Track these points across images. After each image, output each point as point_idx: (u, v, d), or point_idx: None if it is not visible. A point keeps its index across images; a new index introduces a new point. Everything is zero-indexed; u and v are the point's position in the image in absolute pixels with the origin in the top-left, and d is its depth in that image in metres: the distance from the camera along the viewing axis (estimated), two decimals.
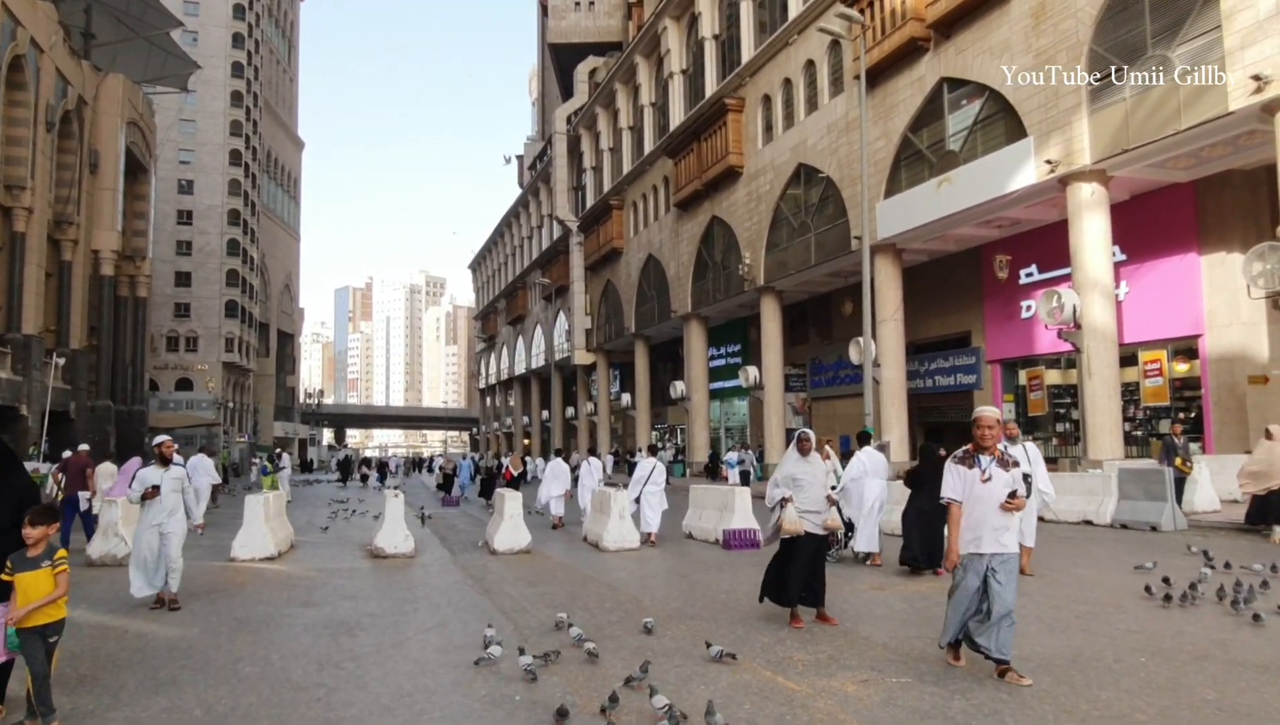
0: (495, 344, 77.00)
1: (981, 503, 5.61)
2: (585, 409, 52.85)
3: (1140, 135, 16.91)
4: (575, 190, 53.55)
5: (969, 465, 5.71)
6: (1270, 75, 14.52)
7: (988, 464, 5.66)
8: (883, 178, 23.87)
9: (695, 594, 9.22)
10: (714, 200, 33.86)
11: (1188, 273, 19.59)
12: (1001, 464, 5.66)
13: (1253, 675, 5.54)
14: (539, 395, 63.71)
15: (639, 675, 5.50)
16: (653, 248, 40.44)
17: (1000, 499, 5.54)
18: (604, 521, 13.72)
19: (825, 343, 32.82)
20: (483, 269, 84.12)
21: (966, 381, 25.88)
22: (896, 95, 23.49)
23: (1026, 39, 19.37)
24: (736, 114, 31.83)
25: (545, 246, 59.03)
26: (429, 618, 8.11)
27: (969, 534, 5.65)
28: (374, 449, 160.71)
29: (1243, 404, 18.46)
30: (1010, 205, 20.83)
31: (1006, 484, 5.59)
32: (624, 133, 44.71)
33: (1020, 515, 5.77)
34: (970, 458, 5.75)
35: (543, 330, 59.67)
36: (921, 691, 5.34)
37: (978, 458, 5.71)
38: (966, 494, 5.66)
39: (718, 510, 14.36)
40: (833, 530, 7.70)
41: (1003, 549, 5.60)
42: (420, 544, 14.04)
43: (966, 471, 5.70)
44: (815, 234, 27.45)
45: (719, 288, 33.95)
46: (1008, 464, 5.68)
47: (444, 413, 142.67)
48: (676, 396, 37.98)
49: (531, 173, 66.36)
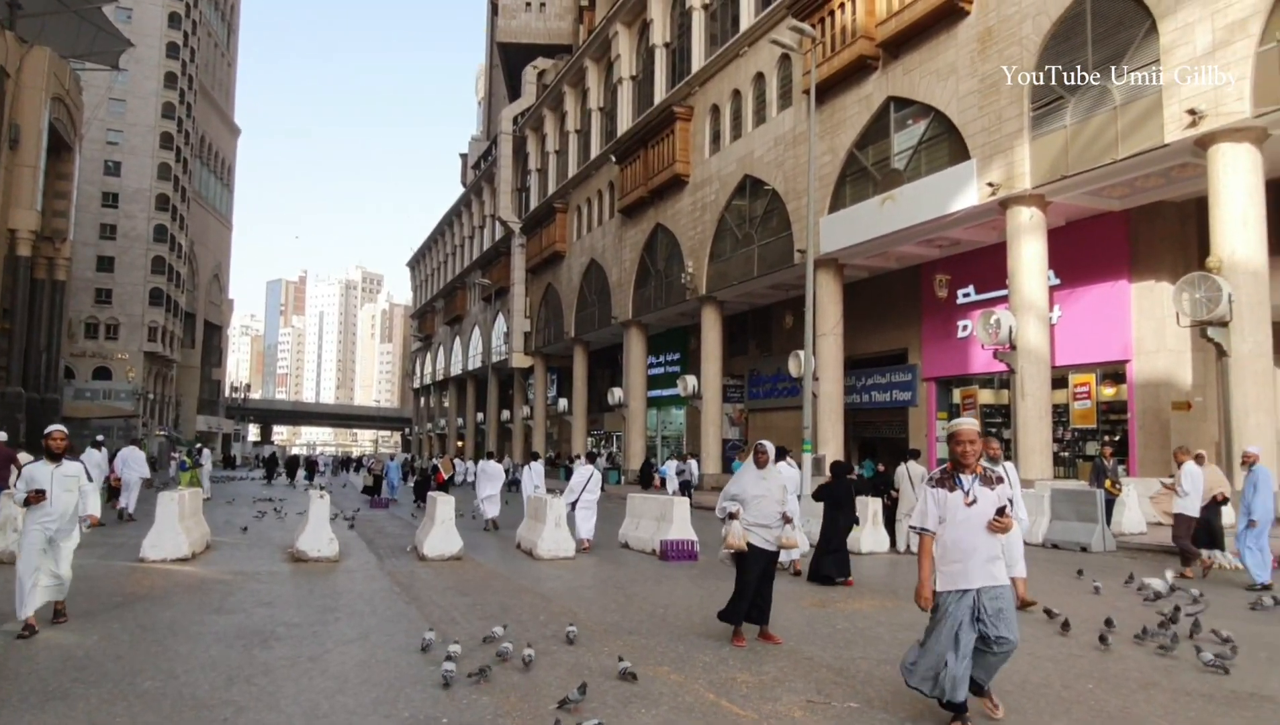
0: (432, 344, 75.74)
1: (966, 529, 4.86)
2: (521, 413, 52.23)
3: (1079, 163, 17.25)
4: (519, 191, 52.99)
5: (949, 488, 4.96)
6: (1205, 110, 14.92)
7: (971, 484, 4.92)
8: (827, 193, 24.01)
9: (632, 607, 8.94)
10: (659, 208, 33.75)
11: (1118, 299, 20.06)
12: (986, 482, 4.93)
13: (1200, 704, 5.48)
14: (475, 397, 62.78)
15: (576, 697, 5.20)
16: (596, 253, 40.16)
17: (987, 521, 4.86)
18: (539, 529, 13.35)
19: (764, 355, 32.92)
20: (421, 267, 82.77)
21: (902, 398, 26.16)
22: (844, 111, 23.66)
23: (972, 63, 19.66)
24: (685, 123, 31.78)
25: (486, 247, 58.28)
26: (351, 628, 7.67)
27: (952, 567, 4.89)
28: (301, 447, 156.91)
29: (1166, 428, 18.95)
30: (951, 225, 21.10)
31: (994, 504, 4.87)
32: (571, 136, 44.39)
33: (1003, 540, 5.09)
34: (950, 478, 4.99)
35: (481, 331, 58.86)
36: (871, 718, 5.15)
37: (958, 478, 4.96)
38: (947, 521, 4.92)
39: (655, 520, 14.11)
40: (787, 547, 7.42)
41: (995, 581, 4.86)
42: (346, 547, 13.48)
43: (947, 495, 4.94)
44: (759, 246, 27.50)
45: (660, 295, 33.82)
46: (993, 482, 4.96)
47: (376, 412, 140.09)
48: (614, 403, 37.71)
49: (475, 172, 65.50)
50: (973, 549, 4.86)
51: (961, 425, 5.02)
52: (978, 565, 4.85)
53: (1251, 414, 14.66)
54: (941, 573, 4.93)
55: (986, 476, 4.96)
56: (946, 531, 4.93)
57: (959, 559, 4.87)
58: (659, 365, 39.28)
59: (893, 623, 8.11)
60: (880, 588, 10.43)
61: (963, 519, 4.88)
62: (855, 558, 13.33)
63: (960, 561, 4.87)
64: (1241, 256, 14.85)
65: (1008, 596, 4.90)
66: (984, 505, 4.86)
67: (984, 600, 4.82)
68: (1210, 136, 15.02)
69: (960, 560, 4.87)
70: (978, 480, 4.94)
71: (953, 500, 4.93)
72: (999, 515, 4.83)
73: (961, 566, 4.87)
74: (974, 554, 4.85)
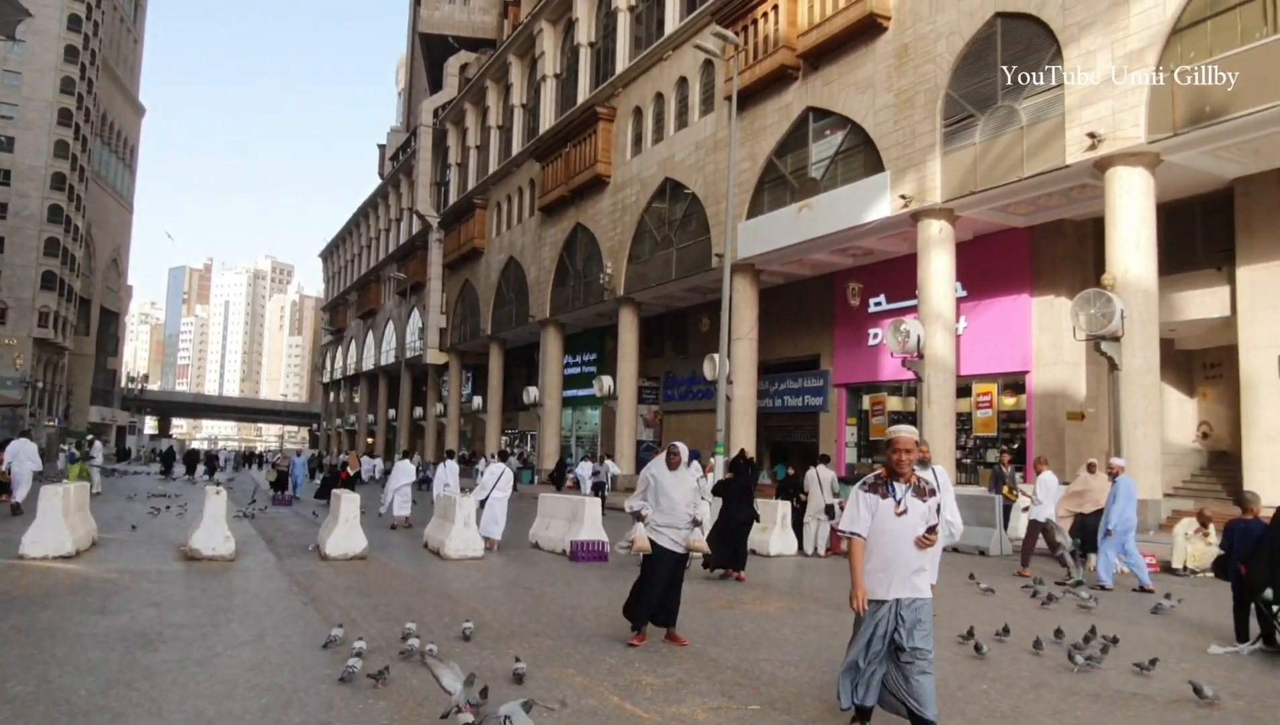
0: (343, 337, 73.85)
1: (892, 538, 4.73)
2: (434, 410, 51.36)
3: (987, 179, 17.85)
4: (438, 185, 52.12)
5: (881, 494, 4.81)
6: (1103, 134, 15.61)
7: (903, 494, 4.77)
8: (746, 198, 24.29)
9: (540, 608, 8.83)
10: (579, 207, 33.63)
11: (1020, 313, 20.82)
12: (919, 493, 4.79)
13: (1087, 704, 5.68)
14: (386, 393, 61.46)
15: (477, 701, 5.06)
16: (514, 250, 39.79)
17: (917, 534, 4.72)
18: (447, 528, 13.09)
19: (680, 357, 33.12)
20: (335, 258, 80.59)
21: (814, 403, 26.64)
22: (764, 119, 23.97)
23: (889, 78, 20.15)
24: (607, 123, 31.75)
25: (403, 240, 57.13)
26: (244, 630, 7.35)
27: (875, 574, 4.78)
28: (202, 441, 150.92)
29: (1062, 437, 19.75)
30: (865, 235, 21.59)
31: (924, 517, 4.74)
32: (492, 131, 43.88)
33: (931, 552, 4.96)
34: (883, 485, 4.84)
35: (395, 326, 57.66)
36: (774, 719, 5.17)
37: (891, 485, 4.82)
38: (875, 528, 4.79)
39: (566, 520, 14.01)
40: (695, 550, 7.41)
41: (917, 594, 4.74)
42: (244, 546, 12.97)
43: (879, 501, 4.80)
44: (677, 249, 27.65)
45: (579, 295, 33.70)
46: (925, 493, 4.81)
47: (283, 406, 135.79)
48: (529, 402, 37.41)
49: (393, 163, 64.18)
50: (897, 559, 4.73)
51: (900, 432, 4.88)
52: (900, 576, 4.73)
53: (1139, 425, 15.38)
54: (867, 579, 4.80)
55: (920, 488, 4.83)
56: (872, 538, 4.80)
57: (882, 568, 4.76)
58: (575, 365, 39.14)
59: (799, 624, 8.20)
60: (788, 590, 10.55)
61: (891, 528, 4.76)
62: (764, 559, 13.52)
63: (883, 570, 4.76)
64: (1134, 275, 15.58)
65: (927, 610, 4.78)
66: (913, 516, 4.75)
67: (903, 611, 4.71)
68: (1108, 160, 15.72)
69: (883, 569, 4.76)
70: (911, 490, 4.80)
71: (883, 507, 4.80)
72: (928, 532, 4.73)
73: (884, 575, 4.75)
74: (897, 564, 4.73)
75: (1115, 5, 15.56)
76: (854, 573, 4.83)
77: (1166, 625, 8.59)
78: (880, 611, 4.74)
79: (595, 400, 34.99)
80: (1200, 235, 18.33)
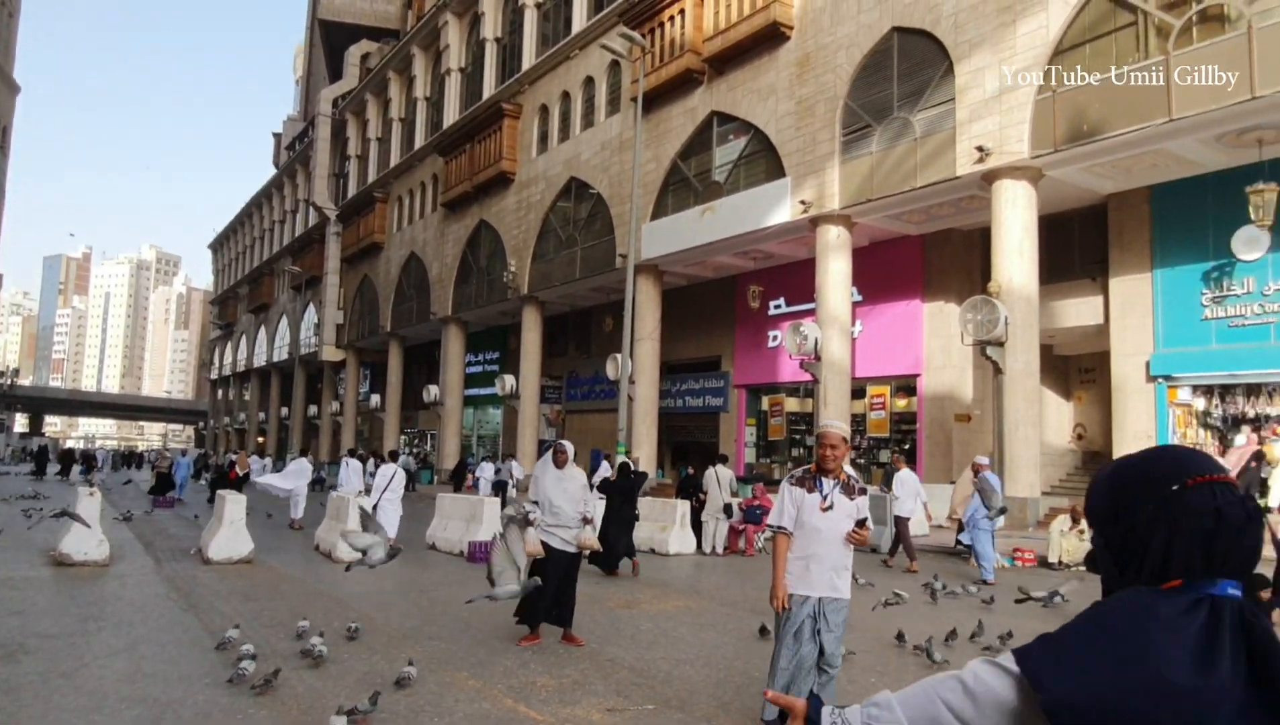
0: (233, 332, 70.93)
1: (818, 535, 4.69)
2: (330, 408, 49.83)
3: (882, 188, 18.41)
4: (337, 177, 50.62)
5: (808, 489, 4.77)
6: (991, 148, 16.30)
7: (831, 489, 4.74)
8: (651, 200, 24.43)
9: (435, 611, 8.67)
10: (483, 204, 33.20)
11: (912, 317, 21.56)
12: (847, 490, 4.77)
13: None
14: (279, 390, 59.31)
15: (366, 708, 4.92)
16: (416, 246, 38.98)
17: (843, 531, 4.68)
18: (339, 529, 12.71)
19: (583, 357, 33.06)
20: (225, 250, 77.37)
21: (715, 403, 26.99)
22: (670, 122, 24.15)
23: (791, 86, 20.57)
24: (513, 120, 31.44)
25: (299, 233, 55.26)
26: (117, 639, 6.96)
27: (798, 571, 4.73)
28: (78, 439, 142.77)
29: (950, 438, 20.54)
30: (766, 239, 21.98)
31: (850, 514, 4.71)
32: (394, 124, 42.89)
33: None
34: (811, 479, 4.81)
35: (289, 321, 55.72)
36: (668, 718, 5.19)
37: (819, 480, 4.78)
38: (800, 522, 4.75)
39: (465, 521, 13.81)
40: (586, 548, 7.41)
41: (835, 593, 4.71)
42: (119, 550, 12.30)
43: (805, 495, 4.76)
44: (582, 248, 27.59)
45: (482, 293, 33.26)
46: (854, 491, 4.79)
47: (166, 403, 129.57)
48: (430, 401, 36.70)
49: (289, 153, 62.02)
50: (820, 555, 4.68)
51: (829, 428, 4.84)
52: (821, 573, 4.69)
53: (1021, 426, 16.13)
54: (789, 574, 4.76)
55: (849, 484, 4.81)
56: (797, 533, 4.77)
57: (805, 564, 4.71)
58: (477, 363, 38.62)
59: (696, 623, 8.27)
60: (685, 588, 10.64)
61: (815, 523, 4.71)
62: (663, 558, 13.60)
63: (805, 566, 4.71)
64: (1017, 283, 16.32)
65: (845, 611, 4.77)
66: (839, 513, 4.70)
67: (825, 609, 4.68)
68: (994, 173, 16.42)
69: (805, 565, 4.71)
70: (839, 486, 4.77)
71: (809, 502, 4.76)
72: (858, 527, 4.70)
73: (805, 572, 4.71)
74: (820, 560, 4.69)
75: (1003, 25, 16.28)
76: (775, 569, 4.78)
77: (1048, 618, 9.01)
78: (803, 608, 4.68)
79: (497, 399, 34.60)
80: (1078, 247, 19.34)
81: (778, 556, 4.78)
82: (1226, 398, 16.65)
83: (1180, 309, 16.95)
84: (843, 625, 4.76)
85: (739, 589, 10.41)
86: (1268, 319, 15.78)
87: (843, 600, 4.74)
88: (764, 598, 9.63)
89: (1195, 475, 1.35)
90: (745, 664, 6.57)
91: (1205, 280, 16.59)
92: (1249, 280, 16.00)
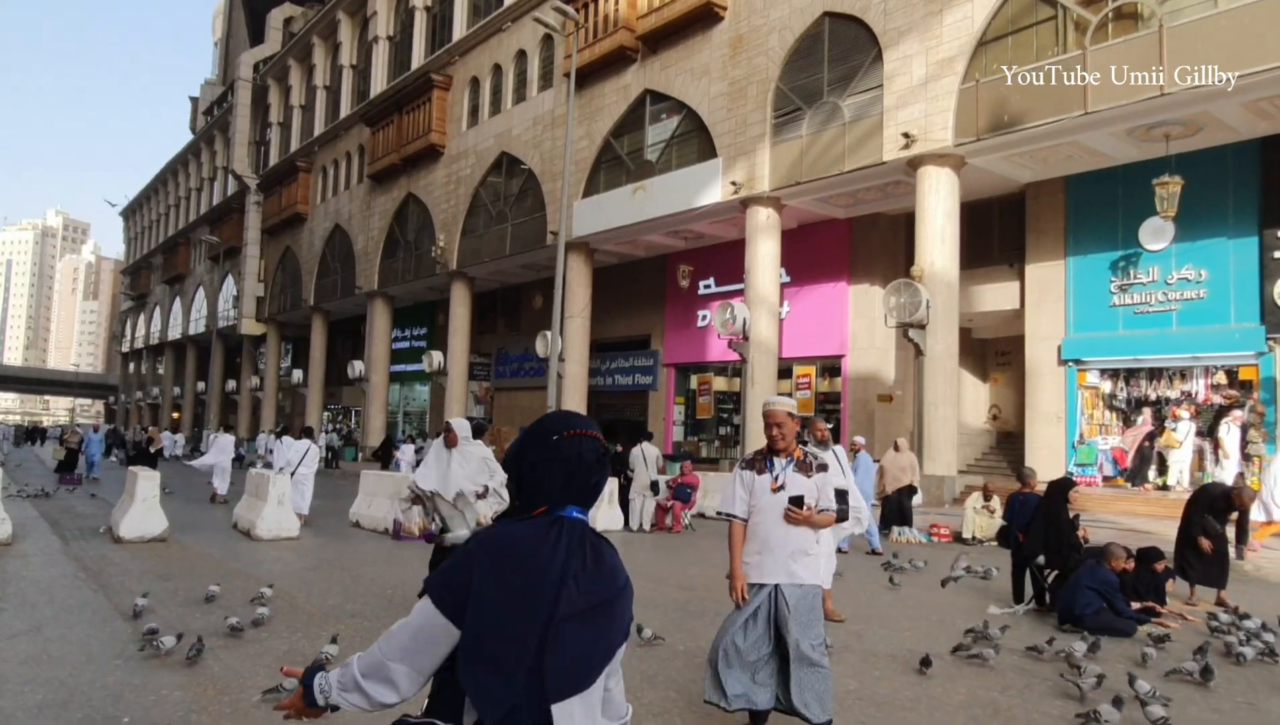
0: (146, 304, 68.21)
1: (767, 517, 4.38)
2: (249, 383, 48.46)
3: (811, 171, 18.65)
4: (258, 145, 48.97)
5: (758, 470, 4.48)
6: (917, 135, 16.64)
7: (781, 469, 4.41)
8: (583, 177, 24.29)
9: (359, 589, 8.55)
10: (411, 177, 32.54)
11: (838, 299, 21.96)
12: (803, 468, 4.41)
13: (885, 664, 6.10)
14: (195, 364, 57.34)
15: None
16: (341, 218, 38.03)
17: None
18: (259, 507, 12.43)
19: (513, 334, 32.82)
20: (138, 218, 74.21)
21: (644, 382, 27.11)
22: (603, 99, 24.01)
23: (724, 67, 20.64)
24: (442, 92, 30.83)
25: (217, 201, 53.33)
26: (19, 621, 6.69)
27: (752, 557, 4.42)
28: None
29: (873, 418, 21.04)
30: (697, 219, 22.09)
31: (808, 494, 4.36)
32: (319, 91, 41.62)
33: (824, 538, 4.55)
34: (761, 460, 4.51)
35: (206, 293, 53.88)
36: None
37: (770, 460, 4.48)
38: (754, 506, 4.46)
39: (390, 498, 13.62)
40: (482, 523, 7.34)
41: (793, 579, 4.32)
42: (22, 529, 11.82)
43: (755, 477, 4.47)
44: (512, 224, 27.30)
45: (409, 268, 32.68)
46: (810, 468, 4.42)
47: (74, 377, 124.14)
48: (355, 377, 35.97)
49: (206, 118, 59.71)
50: (773, 540, 4.36)
51: (773, 405, 4.49)
52: (777, 560, 4.34)
53: (939, 407, 16.61)
54: (745, 563, 4.45)
55: (805, 462, 4.44)
56: (752, 518, 4.47)
57: (759, 550, 4.41)
58: (404, 339, 37.99)
59: None
60: None
61: (766, 505, 4.41)
62: None
63: (760, 552, 4.40)
64: (939, 268, 16.75)
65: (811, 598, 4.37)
66: (790, 493, 4.37)
67: (784, 597, 4.32)
68: (919, 159, 16.78)
69: (760, 552, 4.40)
70: (792, 464, 4.42)
71: (760, 484, 4.45)
72: (793, 505, 4.31)
73: (759, 559, 4.40)
74: (773, 546, 4.35)
75: (930, 14, 16.58)
76: (732, 559, 4.49)
77: (958, 592, 9.35)
78: (758, 597, 4.37)
79: (425, 376, 34.10)
80: (997, 234, 19.93)
81: (733, 545, 4.50)
82: (1131, 381, 17.43)
83: (1091, 295, 17.65)
84: (810, 611, 4.32)
85: (665, 565, 10.53)
86: (1170, 307, 16.55)
87: (806, 587, 4.34)
88: (690, 573, 9.82)
89: (571, 430, 1.92)
90: (670, 639, 6.67)
91: (1114, 268, 17.29)
92: (1154, 269, 16.74)
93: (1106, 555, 7.59)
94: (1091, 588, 7.33)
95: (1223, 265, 15.97)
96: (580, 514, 1.90)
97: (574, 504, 1.89)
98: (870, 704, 5.16)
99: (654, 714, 4.86)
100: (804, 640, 4.24)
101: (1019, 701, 5.31)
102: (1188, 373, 16.67)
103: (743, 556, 4.45)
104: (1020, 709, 5.16)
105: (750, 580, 4.40)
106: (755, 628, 4.32)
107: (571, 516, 1.87)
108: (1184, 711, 5.13)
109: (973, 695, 5.41)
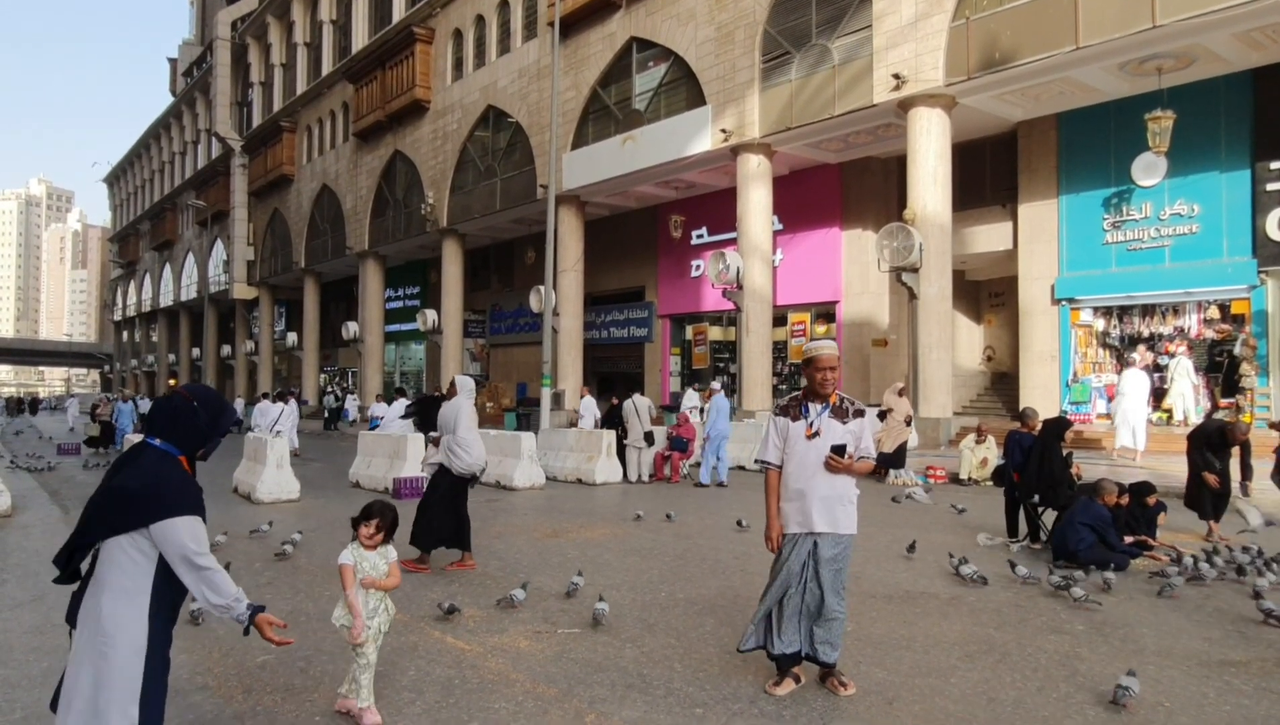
0: (136, 271, 67.78)
1: (803, 464, 4.30)
2: (244, 348, 48.38)
3: (801, 116, 18.44)
4: (240, 106, 48.25)
5: (793, 416, 4.39)
6: (907, 76, 16.43)
7: (817, 415, 4.33)
8: (571, 129, 24.00)
9: None
10: (398, 134, 32.15)
11: (831, 245, 21.87)
12: (838, 414, 4.33)
13: (880, 605, 6.20)
14: (189, 331, 57.17)
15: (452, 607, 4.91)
16: (328, 178, 37.64)
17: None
18: (258, 471, 12.51)
19: (506, 289, 32.72)
20: (123, 184, 73.36)
21: (639, 334, 27.11)
22: (589, 48, 23.62)
23: (710, 11, 20.28)
24: (425, 45, 30.32)
25: (202, 165, 52.70)
26: (21, 591, 6.76)
27: (788, 505, 4.35)
28: None
29: (868, 362, 21.11)
30: (687, 168, 21.90)
31: (848, 440, 4.28)
32: (299, 49, 40.90)
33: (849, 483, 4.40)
34: (796, 406, 4.42)
35: (196, 258, 53.50)
36: (594, 641, 5.32)
37: (805, 406, 4.39)
38: (788, 453, 4.37)
39: (389, 458, 13.72)
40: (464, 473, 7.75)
41: (835, 529, 4.28)
42: (22, 500, 11.88)
43: (790, 424, 4.39)
44: (502, 179, 27.05)
45: (399, 226, 32.44)
46: (846, 414, 4.34)
47: (67, 347, 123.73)
48: (349, 338, 35.95)
49: (187, 80, 58.70)
50: (810, 487, 4.28)
51: (820, 350, 4.38)
52: (815, 506, 4.28)
53: (934, 350, 16.66)
54: (783, 511, 4.40)
55: (840, 408, 4.36)
56: (786, 465, 4.39)
57: (795, 498, 4.34)
58: (398, 299, 37.88)
59: (621, 549, 8.44)
60: (611, 517, 10.81)
61: (801, 452, 4.33)
62: (590, 488, 13.77)
63: (796, 500, 4.33)
64: (932, 211, 16.66)
65: (847, 549, 4.36)
66: (828, 440, 4.28)
67: (822, 548, 4.29)
68: (910, 101, 16.59)
69: (796, 499, 4.33)
70: (828, 410, 4.34)
71: (795, 430, 4.38)
72: (835, 453, 4.22)
73: (797, 505, 4.33)
74: (810, 493, 4.28)
75: None
76: (768, 508, 4.45)
77: (950, 528, 9.46)
78: (799, 546, 4.33)
79: (420, 334, 34.07)
80: (989, 174, 19.79)
81: (769, 493, 4.45)
82: (1124, 318, 17.46)
83: (1083, 233, 17.58)
84: (838, 560, 4.30)
85: (660, 515, 10.62)
86: (1163, 243, 16.50)
87: (840, 535, 4.30)
88: (689, 523, 9.90)
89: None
90: (670, 587, 6.76)
91: (1106, 206, 17.21)
92: (1146, 205, 16.66)
93: (1099, 491, 7.67)
94: (1085, 523, 7.42)
95: (1215, 199, 15.89)
96: (176, 452, 3.04)
97: (167, 441, 3.04)
98: (867, 644, 5.25)
99: (654, 661, 4.95)
100: (831, 595, 4.28)
101: (1013, 637, 5.41)
102: (1180, 308, 16.69)
103: (781, 504, 4.42)
104: (1014, 644, 5.26)
105: (790, 529, 4.36)
106: (792, 580, 4.34)
107: (166, 449, 3.02)
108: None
109: (967, 632, 5.51)
